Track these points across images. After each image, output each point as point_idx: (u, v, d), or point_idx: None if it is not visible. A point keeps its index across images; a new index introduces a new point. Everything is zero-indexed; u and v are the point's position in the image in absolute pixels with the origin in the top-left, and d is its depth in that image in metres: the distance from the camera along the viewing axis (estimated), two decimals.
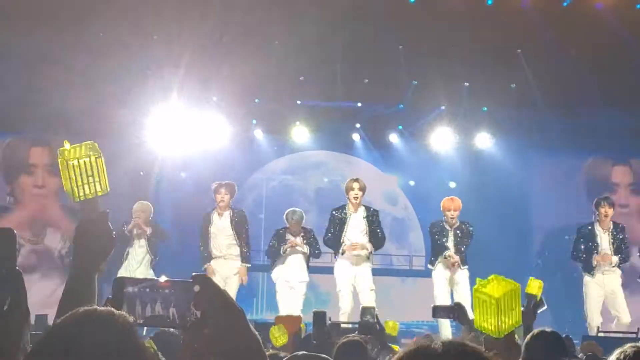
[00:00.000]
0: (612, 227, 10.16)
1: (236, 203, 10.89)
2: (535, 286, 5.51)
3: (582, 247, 10.21)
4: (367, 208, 10.23)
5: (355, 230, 10.01)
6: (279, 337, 6.97)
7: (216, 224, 10.33)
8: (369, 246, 9.97)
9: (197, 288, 1.89)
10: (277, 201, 14.30)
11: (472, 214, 10.83)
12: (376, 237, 10.05)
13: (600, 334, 9.33)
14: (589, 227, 10.23)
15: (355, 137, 14.88)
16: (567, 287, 11.95)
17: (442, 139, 14.16)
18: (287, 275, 10.27)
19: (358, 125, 14.76)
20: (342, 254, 9.95)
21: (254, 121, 14.39)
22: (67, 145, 2.60)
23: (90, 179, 2.48)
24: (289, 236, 10.33)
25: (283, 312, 9.82)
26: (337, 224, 10.07)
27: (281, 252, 10.20)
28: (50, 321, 9.20)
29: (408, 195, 15.67)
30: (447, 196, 10.51)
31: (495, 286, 3.50)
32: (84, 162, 2.47)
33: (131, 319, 1.90)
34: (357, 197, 10.04)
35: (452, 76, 13.44)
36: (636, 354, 2.41)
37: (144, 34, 12.70)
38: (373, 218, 10.12)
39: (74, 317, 1.95)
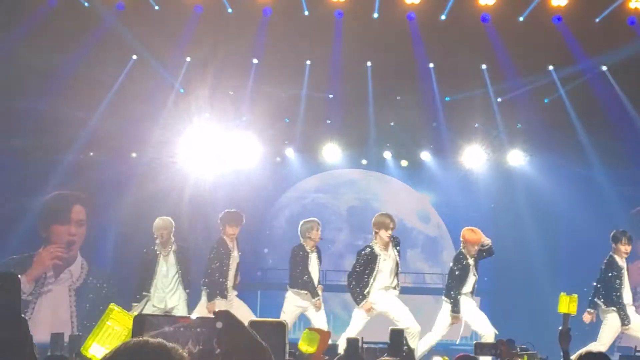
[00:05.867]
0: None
1: (269, 222, 10.85)
2: (566, 303, 5.37)
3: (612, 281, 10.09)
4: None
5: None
6: (309, 343, 6.79)
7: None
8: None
9: (219, 324, 1.88)
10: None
11: (505, 232, 10.75)
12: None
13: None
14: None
15: (387, 155, 14.85)
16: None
17: (475, 156, 14.08)
18: (302, 301, 10.14)
19: (389, 144, 14.74)
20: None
21: (286, 141, 14.42)
22: (116, 308, 2.74)
23: (108, 346, 2.53)
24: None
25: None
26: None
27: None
28: (66, 339, 9.27)
29: (441, 213, 15.60)
30: (480, 214, 10.44)
31: None
32: (115, 330, 2.54)
33: (185, 353, 1.85)
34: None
35: (485, 93, 13.39)
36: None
37: (177, 55, 12.82)
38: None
39: (126, 348, 1.89)
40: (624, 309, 9.93)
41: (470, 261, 10.02)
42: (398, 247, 10.02)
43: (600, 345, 9.80)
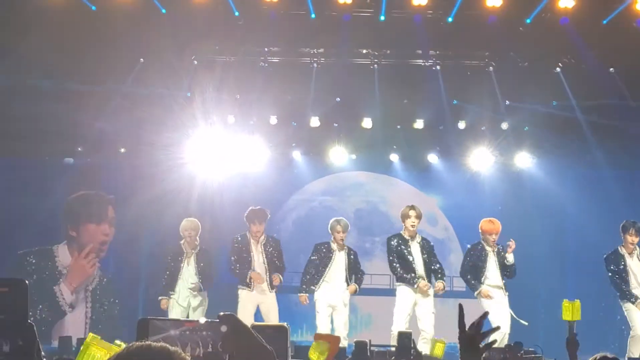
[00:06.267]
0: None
1: (276, 225, 10.91)
2: (570, 310, 5.38)
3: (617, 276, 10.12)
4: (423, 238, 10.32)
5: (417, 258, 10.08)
6: (320, 352, 6.84)
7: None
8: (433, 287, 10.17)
9: (224, 328, 1.87)
10: (316, 222, 14.30)
11: (512, 234, 10.74)
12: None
13: None
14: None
15: (394, 157, 14.84)
16: (606, 310, 11.80)
17: (482, 159, 14.06)
18: (330, 298, 10.22)
19: (396, 147, 14.72)
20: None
21: (293, 144, 14.43)
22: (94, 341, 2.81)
23: None
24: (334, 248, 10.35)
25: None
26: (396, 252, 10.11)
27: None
28: (75, 342, 9.31)
29: (448, 216, 15.58)
30: (487, 217, 10.44)
31: None
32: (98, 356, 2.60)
33: (187, 356, 1.84)
34: (414, 225, 10.08)
35: (493, 95, 13.37)
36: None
37: (184, 58, 12.84)
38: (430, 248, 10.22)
39: (129, 352, 1.87)
40: (633, 296, 10.01)
41: (488, 249, 10.04)
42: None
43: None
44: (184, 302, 10.47)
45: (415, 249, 10.17)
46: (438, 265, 10.38)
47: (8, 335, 2.30)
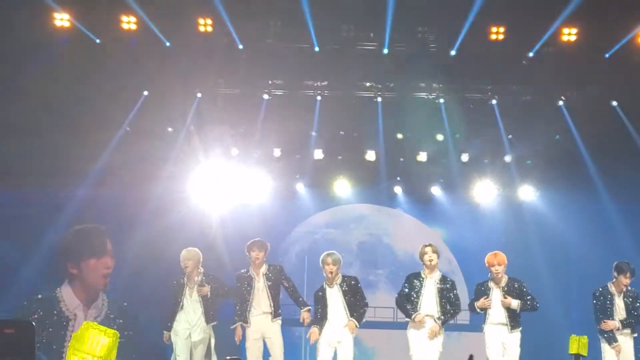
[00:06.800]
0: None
1: (279, 257, 10.82)
2: (577, 345, 5.37)
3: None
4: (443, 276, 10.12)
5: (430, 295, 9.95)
6: None
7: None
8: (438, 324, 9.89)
9: None
10: (320, 255, 14.25)
11: (516, 267, 10.70)
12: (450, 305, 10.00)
13: None
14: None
15: (398, 190, 14.85)
16: None
17: (486, 191, 14.06)
18: (330, 337, 10.02)
19: (399, 179, 14.72)
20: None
21: (297, 176, 14.43)
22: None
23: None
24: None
25: None
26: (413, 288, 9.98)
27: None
28: None
29: (452, 248, 15.54)
30: (490, 250, 10.38)
31: None
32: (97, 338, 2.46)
33: None
34: (432, 260, 9.95)
35: (495, 128, 13.40)
36: None
37: (188, 91, 12.89)
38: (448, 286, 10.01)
39: None
40: (612, 338, 10.05)
41: (491, 285, 9.93)
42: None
43: None
44: (184, 334, 10.22)
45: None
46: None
47: None
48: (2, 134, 12.04)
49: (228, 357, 1.75)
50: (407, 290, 9.89)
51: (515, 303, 9.82)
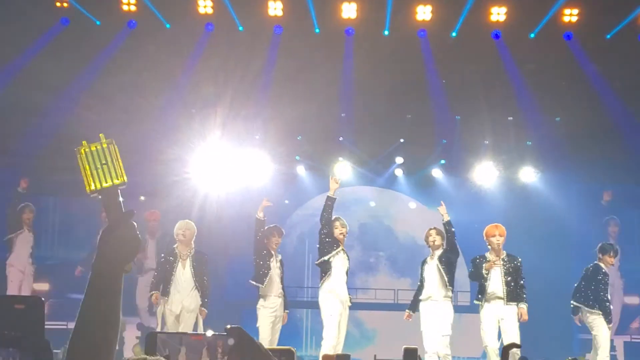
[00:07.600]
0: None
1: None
2: None
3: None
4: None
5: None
6: None
7: None
8: None
9: (231, 341, 1.86)
10: None
11: (516, 248, 10.71)
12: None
13: None
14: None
15: (398, 172, 14.82)
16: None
17: (486, 173, 14.05)
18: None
19: (401, 161, 14.68)
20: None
21: (297, 157, 14.42)
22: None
23: (105, 167, 2.26)
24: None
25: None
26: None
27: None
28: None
29: None
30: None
31: None
32: (96, 148, 2.28)
33: None
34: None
35: (496, 110, 13.38)
36: None
37: (189, 74, 12.86)
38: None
39: None
40: (609, 308, 10.29)
41: (489, 257, 9.94)
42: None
43: (604, 356, 9.92)
44: (177, 308, 10.11)
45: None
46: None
47: (24, 353, 2.28)
48: (2, 114, 12.06)
49: (228, 325, 1.76)
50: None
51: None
